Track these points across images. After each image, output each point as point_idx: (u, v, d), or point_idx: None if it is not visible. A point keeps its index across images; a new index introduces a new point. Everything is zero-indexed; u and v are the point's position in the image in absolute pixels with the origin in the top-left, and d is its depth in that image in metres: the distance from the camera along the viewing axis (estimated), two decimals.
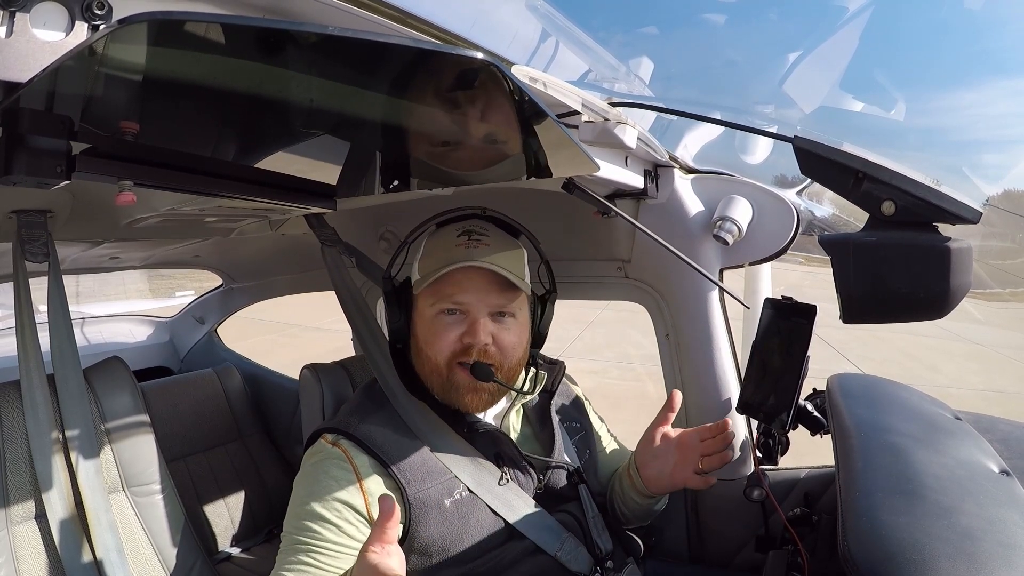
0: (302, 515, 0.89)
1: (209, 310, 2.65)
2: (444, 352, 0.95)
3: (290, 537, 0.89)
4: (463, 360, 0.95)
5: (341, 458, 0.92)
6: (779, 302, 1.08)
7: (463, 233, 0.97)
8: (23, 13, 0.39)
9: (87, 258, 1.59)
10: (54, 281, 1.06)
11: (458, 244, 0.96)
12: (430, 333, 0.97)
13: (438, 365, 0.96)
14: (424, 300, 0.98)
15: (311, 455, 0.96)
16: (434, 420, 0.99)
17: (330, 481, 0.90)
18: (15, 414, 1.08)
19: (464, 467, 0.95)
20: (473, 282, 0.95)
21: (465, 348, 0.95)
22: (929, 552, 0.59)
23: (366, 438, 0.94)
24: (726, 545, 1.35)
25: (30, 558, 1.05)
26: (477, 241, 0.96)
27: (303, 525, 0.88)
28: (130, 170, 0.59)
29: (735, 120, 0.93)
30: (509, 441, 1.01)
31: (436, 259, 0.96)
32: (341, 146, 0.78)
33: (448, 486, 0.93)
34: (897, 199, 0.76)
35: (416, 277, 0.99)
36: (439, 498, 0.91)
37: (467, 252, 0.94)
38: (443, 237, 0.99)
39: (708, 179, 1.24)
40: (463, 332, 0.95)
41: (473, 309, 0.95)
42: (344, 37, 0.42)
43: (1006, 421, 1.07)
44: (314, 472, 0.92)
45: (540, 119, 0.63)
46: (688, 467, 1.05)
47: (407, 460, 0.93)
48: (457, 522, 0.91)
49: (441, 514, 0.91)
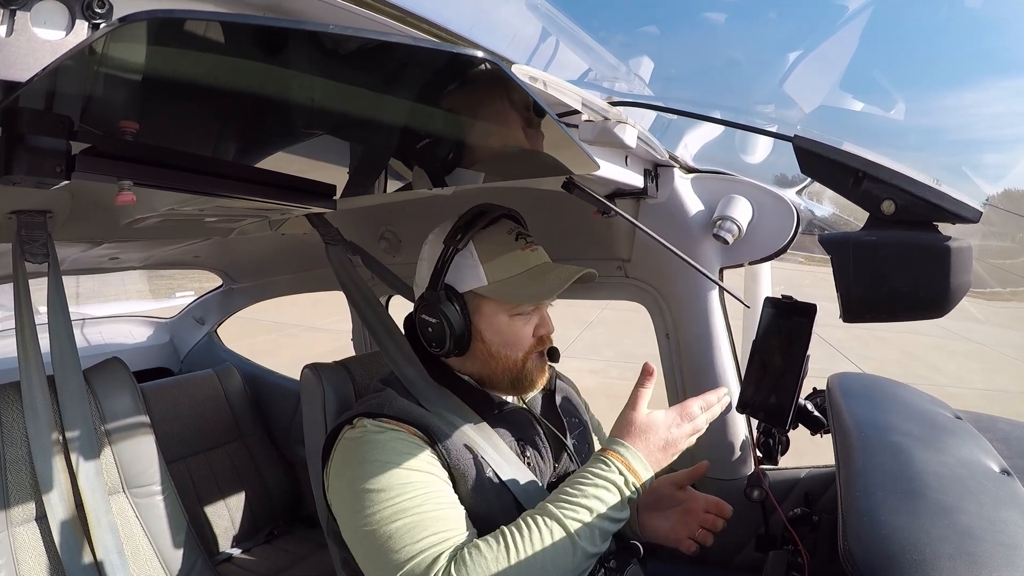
0: (383, 487, 0.83)
1: (209, 310, 2.65)
2: (524, 349, 1.00)
3: (382, 507, 0.81)
4: (539, 350, 1.01)
5: (395, 430, 0.90)
6: (779, 301, 1.08)
7: (518, 236, 1.00)
8: (23, 11, 0.39)
9: (87, 258, 1.59)
10: (54, 281, 1.06)
11: (522, 248, 0.99)
12: (510, 336, 0.99)
13: (516, 362, 0.99)
14: (498, 306, 0.98)
15: (355, 441, 0.90)
16: (460, 405, 0.99)
17: (398, 448, 0.87)
18: (15, 415, 1.08)
19: (490, 452, 0.95)
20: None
21: (540, 340, 1.01)
22: (930, 552, 0.59)
23: (403, 414, 0.93)
24: (726, 545, 1.35)
25: (30, 559, 1.05)
26: (532, 244, 1.01)
27: (391, 496, 0.82)
28: (130, 170, 0.59)
29: (735, 120, 0.93)
30: (531, 417, 1.04)
31: (511, 265, 0.97)
32: (341, 146, 0.78)
33: (480, 465, 0.93)
34: (897, 198, 0.76)
35: (482, 284, 0.97)
36: (473, 473, 0.91)
37: (536, 255, 0.99)
38: (496, 242, 0.98)
39: (708, 178, 1.24)
40: (536, 325, 1.01)
41: (543, 304, 1.01)
42: (345, 36, 0.42)
43: (1007, 420, 1.07)
44: (375, 448, 0.87)
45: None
46: (685, 530, 1.06)
47: (442, 434, 0.92)
48: (490, 499, 0.91)
49: (476, 487, 0.90)
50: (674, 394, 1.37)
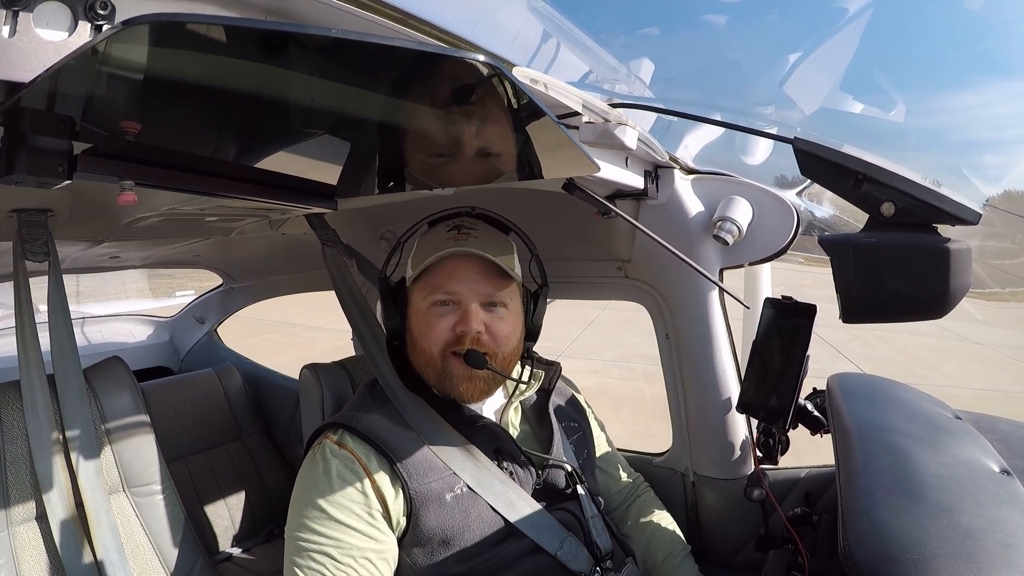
0: (314, 518, 0.88)
1: (209, 310, 2.65)
2: (438, 342, 0.97)
3: (304, 541, 0.88)
4: (456, 349, 0.96)
5: (349, 458, 0.92)
6: (779, 302, 1.09)
7: (453, 228, 1.01)
8: (26, 12, 0.39)
9: (87, 257, 1.59)
10: (54, 280, 1.06)
11: (448, 238, 0.99)
12: (424, 325, 0.99)
13: (432, 356, 0.98)
14: (417, 294, 1.00)
15: (316, 456, 0.95)
16: (433, 416, 1.00)
17: (342, 483, 0.90)
18: (15, 414, 1.08)
19: (464, 464, 0.96)
20: (463, 271, 0.97)
21: (458, 337, 0.96)
22: (929, 551, 0.59)
23: (370, 432, 0.94)
24: (726, 545, 1.35)
25: (31, 559, 1.05)
26: (466, 234, 0.99)
27: (316, 528, 0.87)
28: (131, 170, 0.59)
29: (735, 121, 0.93)
30: (507, 436, 1.01)
31: (427, 253, 0.99)
32: (341, 146, 0.78)
33: (448, 482, 0.94)
34: (897, 200, 0.76)
35: (409, 273, 1.03)
36: (440, 493, 0.92)
37: (456, 243, 0.97)
38: (434, 234, 1.03)
39: (708, 180, 1.24)
40: (456, 321, 0.97)
41: (464, 298, 0.97)
42: (346, 39, 0.42)
43: (1006, 420, 1.07)
44: (322, 474, 0.92)
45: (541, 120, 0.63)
46: None
47: (409, 455, 0.93)
48: (458, 517, 0.92)
49: (441, 508, 0.91)
50: (674, 394, 1.38)
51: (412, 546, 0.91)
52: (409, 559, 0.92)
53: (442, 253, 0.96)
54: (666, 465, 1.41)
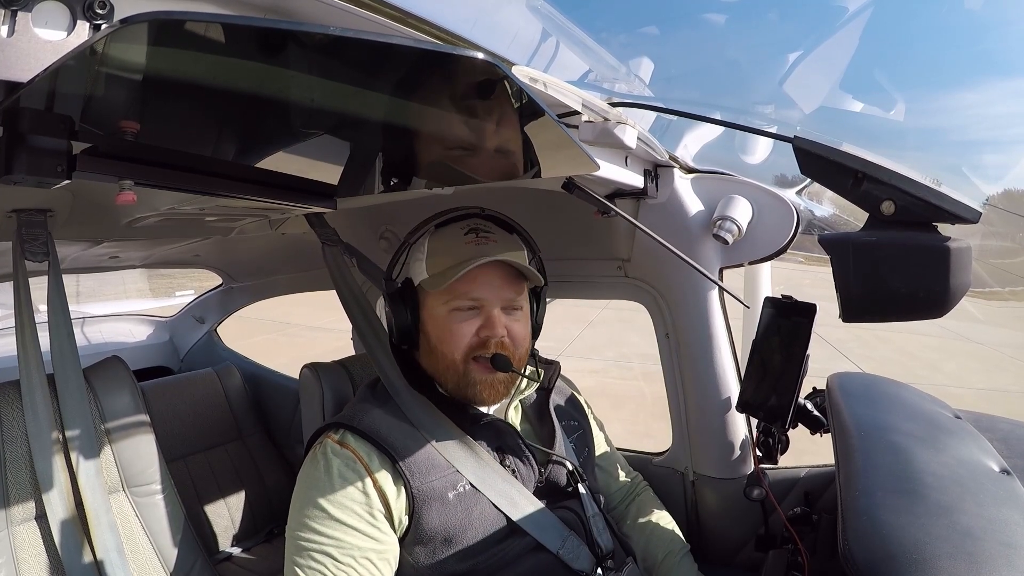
0: (315, 517, 0.88)
1: (209, 309, 2.65)
2: (461, 348, 0.97)
3: (305, 540, 0.88)
4: (480, 354, 0.96)
5: (350, 458, 0.92)
6: (779, 301, 1.08)
7: (470, 231, 0.99)
8: (25, 12, 0.39)
9: (87, 257, 1.59)
10: (54, 280, 1.06)
11: (467, 242, 0.97)
12: (445, 331, 0.98)
13: (454, 361, 0.97)
14: (436, 299, 0.98)
15: (317, 455, 0.95)
16: (437, 415, 0.99)
17: (343, 482, 0.90)
18: (15, 414, 1.08)
19: (467, 462, 0.96)
20: (487, 277, 0.96)
21: (482, 342, 0.96)
22: (929, 551, 0.59)
23: (371, 431, 0.94)
24: (726, 544, 1.35)
25: (30, 558, 1.05)
26: (485, 238, 0.98)
27: (317, 528, 0.87)
28: (130, 169, 0.59)
29: (735, 120, 0.93)
30: (511, 430, 1.01)
31: (447, 258, 0.97)
32: (341, 146, 0.78)
33: (451, 480, 0.93)
34: (897, 199, 0.76)
35: (423, 277, 1.00)
36: (442, 491, 0.92)
37: (479, 249, 0.96)
38: (448, 237, 1.00)
39: (708, 179, 1.24)
40: (480, 326, 0.97)
41: (488, 304, 0.97)
42: (345, 37, 0.42)
43: (1006, 420, 1.07)
44: (323, 473, 0.92)
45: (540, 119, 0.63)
46: None
47: (411, 453, 0.93)
48: (460, 515, 0.92)
49: (444, 506, 0.91)
50: (674, 394, 1.38)
51: (414, 544, 0.91)
52: (411, 557, 0.92)
53: (478, 263, 0.93)
54: (666, 464, 1.42)
